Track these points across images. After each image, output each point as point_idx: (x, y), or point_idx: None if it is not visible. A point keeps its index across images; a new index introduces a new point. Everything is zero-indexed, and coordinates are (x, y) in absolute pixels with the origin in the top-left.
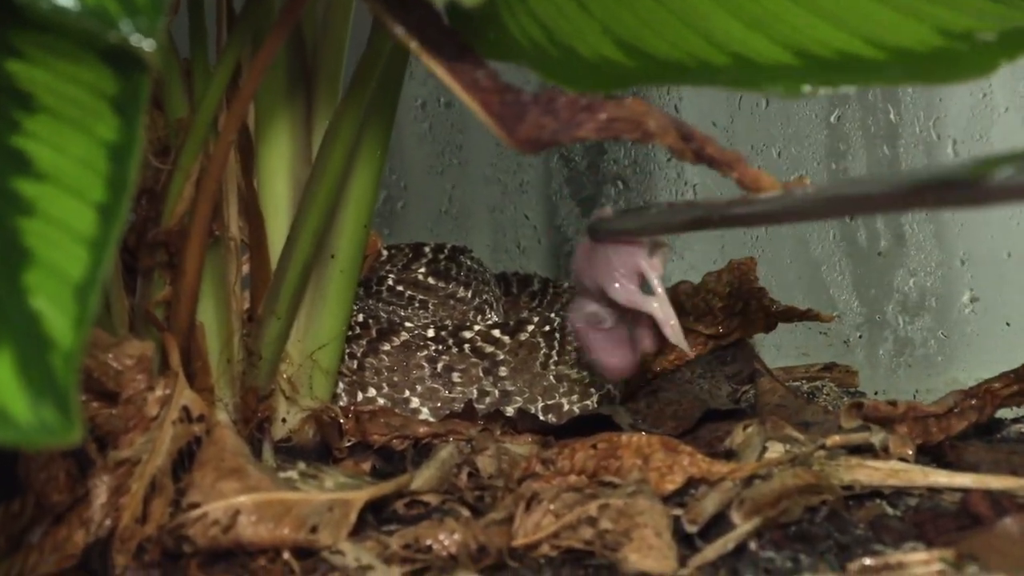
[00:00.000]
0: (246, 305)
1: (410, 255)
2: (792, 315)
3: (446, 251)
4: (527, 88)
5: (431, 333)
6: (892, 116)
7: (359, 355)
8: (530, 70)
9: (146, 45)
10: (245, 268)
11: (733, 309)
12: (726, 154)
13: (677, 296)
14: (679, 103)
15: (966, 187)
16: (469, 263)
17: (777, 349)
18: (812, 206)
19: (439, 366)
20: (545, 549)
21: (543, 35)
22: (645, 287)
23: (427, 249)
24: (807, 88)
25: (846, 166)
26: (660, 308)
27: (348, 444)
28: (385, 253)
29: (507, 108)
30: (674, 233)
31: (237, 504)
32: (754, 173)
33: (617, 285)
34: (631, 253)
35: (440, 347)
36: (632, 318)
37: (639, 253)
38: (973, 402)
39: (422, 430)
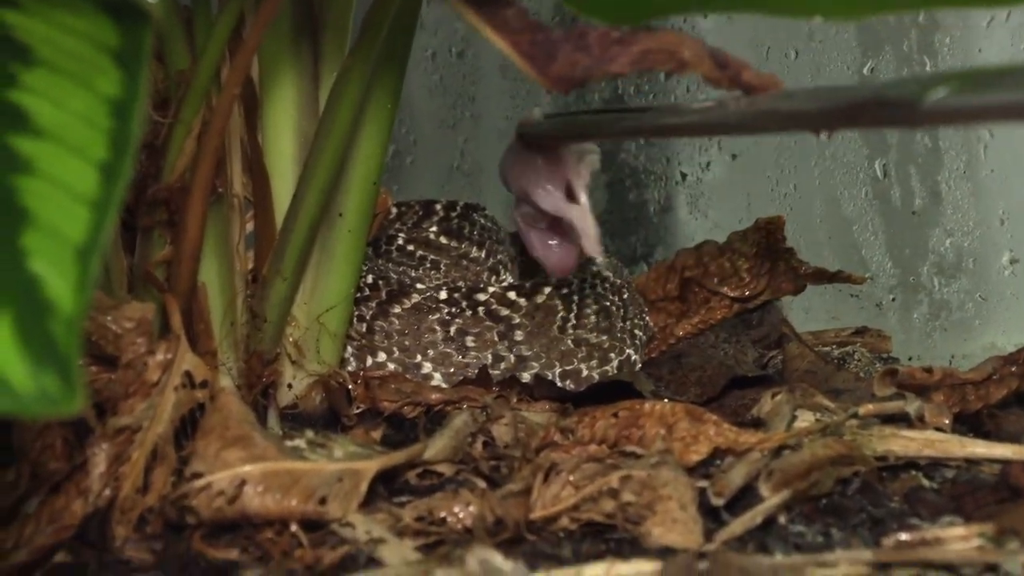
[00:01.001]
0: (250, 265)
1: (421, 213)
2: (822, 276)
3: (458, 209)
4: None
5: (444, 295)
6: (928, 67)
7: (368, 318)
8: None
9: None
10: (249, 226)
11: (760, 270)
12: (764, 78)
13: (701, 257)
14: None
15: (900, 107)
16: (483, 221)
17: (806, 312)
18: (744, 118)
19: (452, 330)
20: (564, 522)
21: None
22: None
23: (439, 207)
24: (854, 13)
25: None
26: (581, 217)
27: (357, 411)
28: (395, 211)
29: (538, 47)
30: (603, 140)
31: (243, 474)
32: None
33: (541, 191)
34: (557, 160)
35: (453, 310)
36: (564, 222)
37: (566, 160)
38: (1013, 369)
39: (435, 397)
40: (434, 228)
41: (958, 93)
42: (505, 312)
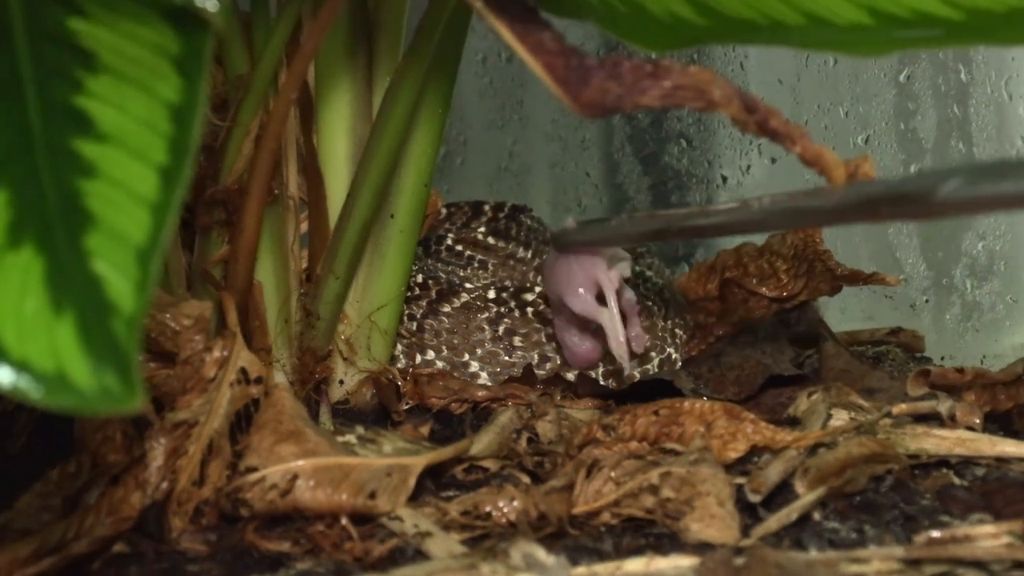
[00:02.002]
0: (304, 264)
1: (470, 213)
2: (857, 278)
3: (506, 210)
4: (589, 47)
5: (492, 295)
6: (963, 75)
7: (419, 316)
8: (597, 28)
9: (209, 5)
10: (304, 227)
11: (797, 272)
12: (790, 128)
13: (740, 258)
14: (744, 60)
15: (916, 202)
16: (529, 222)
17: (842, 312)
18: (768, 217)
19: (500, 329)
20: (606, 517)
21: None
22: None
23: (487, 207)
24: (882, 50)
25: (915, 126)
26: (609, 321)
27: (406, 407)
28: (444, 211)
29: (572, 72)
30: (634, 244)
31: (295, 468)
32: (817, 149)
33: (574, 295)
34: (590, 264)
35: (502, 309)
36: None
37: (598, 264)
38: None
39: (481, 394)
40: (482, 228)
41: (969, 185)
42: (552, 313)
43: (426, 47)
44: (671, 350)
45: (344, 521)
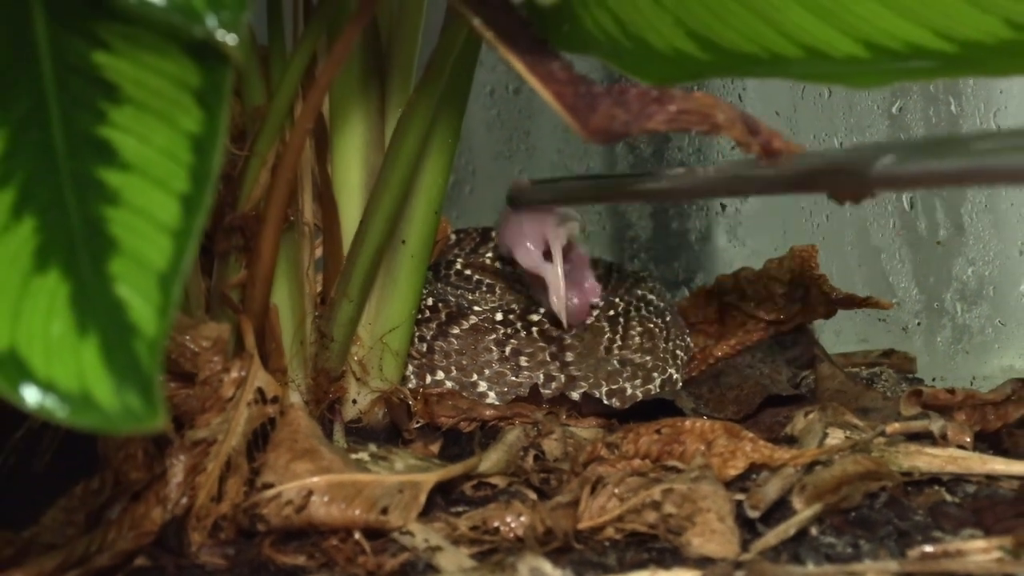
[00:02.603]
0: (319, 288)
1: (478, 239)
2: (852, 302)
3: None
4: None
5: (500, 317)
6: (953, 108)
7: (429, 338)
8: (602, 62)
9: (229, 40)
10: (318, 252)
11: (794, 295)
12: (792, 148)
13: (738, 283)
14: (743, 92)
15: (852, 174)
16: None
17: (837, 335)
18: (714, 184)
19: (507, 350)
20: (610, 532)
21: (616, 27)
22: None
23: (494, 234)
24: (878, 82)
25: None
26: (552, 277)
27: (417, 426)
28: (454, 237)
29: (580, 99)
30: (583, 204)
31: (310, 485)
32: None
33: (523, 249)
34: (540, 221)
35: (509, 331)
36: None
37: (547, 221)
38: None
39: (489, 413)
40: (490, 254)
41: (901, 161)
42: (557, 333)
43: (437, 80)
44: (672, 371)
45: (357, 536)
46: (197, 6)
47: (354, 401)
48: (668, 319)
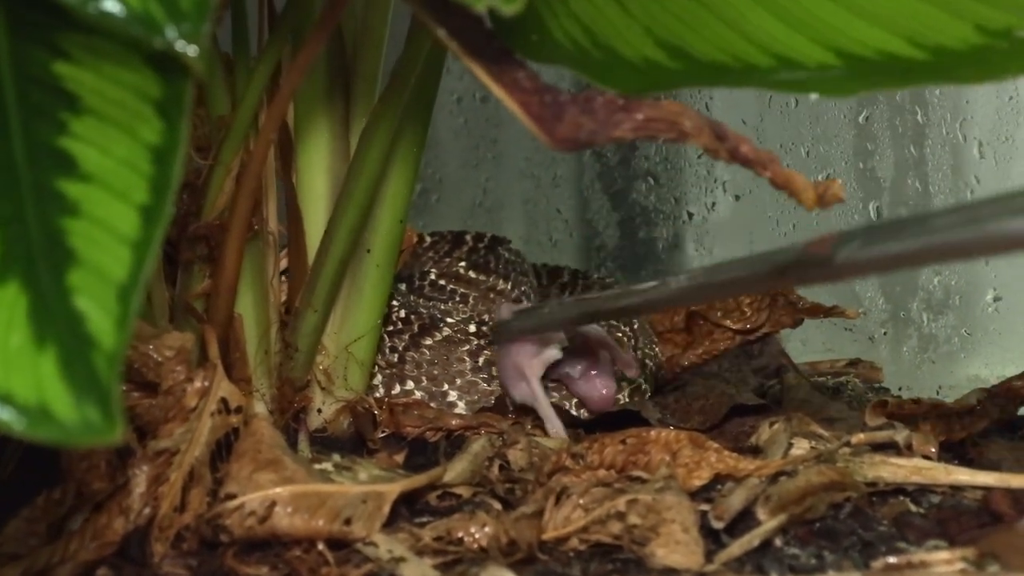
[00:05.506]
0: (283, 298)
1: (451, 242)
2: (818, 311)
3: (486, 240)
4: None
5: (472, 328)
6: (919, 117)
7: (400, 349)
8: (572, 72)
9: (190, 51)
10: (283, 262)
11: (760, 305)
12: (760, 154)
13: None
14: (710, 101)
15: (819, 265)
16: (507, 255)
17: (803, 344)
18: (687, 293)
19: (480, 360)
20: (574, 543)
21: (585, 37)
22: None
23: (468, 238)
24: (849, 90)
25: (873, 165)
26: (538, 406)
27: (382, 435)
28: (428, 239)
29: (546, 109)
30: (566, 328)
31: (273, 495)
32: (787, 173)
33: (514, 386)
34: (519, 353)
35: (482, 342)
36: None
37: (524, 352)
38: (995, 400)
39: (455, 423)
40: (463, 262)
41: (865, 247)
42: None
43: (401, 90)
44: (640, 380)
45: (321, 547)
46: (157, 17)
47: (319, 411)
48: (635, 327)
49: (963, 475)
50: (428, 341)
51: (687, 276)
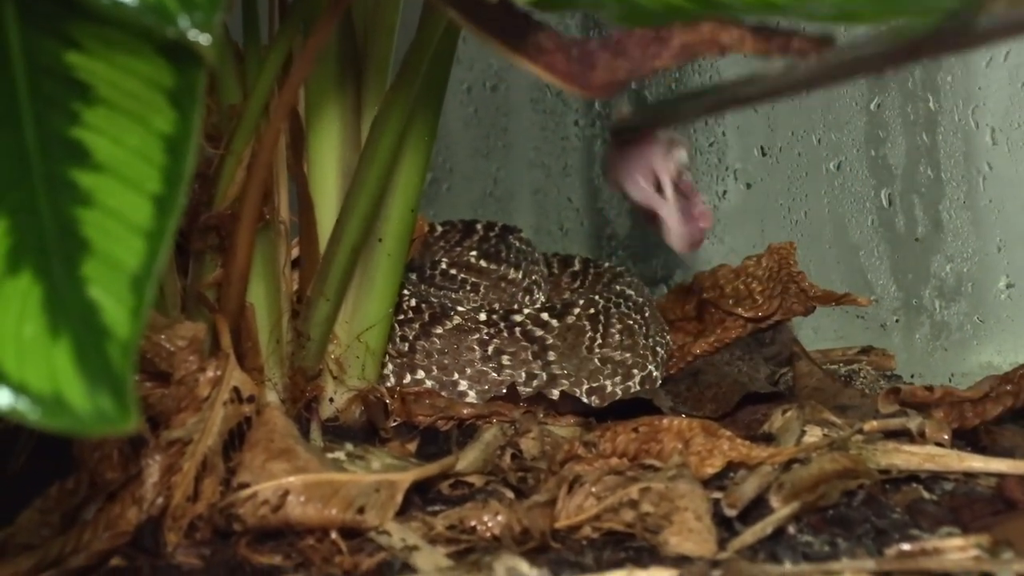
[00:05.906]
0: (295, 287)
1: (462, 231)
2: (830, 299)
3: (496, 229)
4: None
5: (483, 317)
6: (931, 104)
7: (411, 338)
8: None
9: (202, 40)
10: (295, 251)
11: (772, 293)
12: (814, 41)
13: (717, 280)
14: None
15: (959, 32)
16: (518, 244)
17: (815, 332)
18: (817, 74)
19: (490, 349)
20: (587, 531)
21: None
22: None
23: (479, 227)
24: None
25: (885, 152)
26: (666, 210)
27: (394, 425)
28: (439, 229)
29: (574, 63)
30: (690, 121)
31: (286, 484)
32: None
33: (632, 185)
34: (646, 154)
35: (492, 331)
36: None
37: (654, 152)
38: (1008, 387)
39: (466, 411)
40: (474, 252)
41: (1013, 8)
42: (539, 333)
43: (413, 77)
44: (652, 367)
45: (334, 535)
46: (170, 7)
47: (331, 400)
48: (647, 314)
49: (976, 462)
50: (439, 330)
51: (816, 58)
